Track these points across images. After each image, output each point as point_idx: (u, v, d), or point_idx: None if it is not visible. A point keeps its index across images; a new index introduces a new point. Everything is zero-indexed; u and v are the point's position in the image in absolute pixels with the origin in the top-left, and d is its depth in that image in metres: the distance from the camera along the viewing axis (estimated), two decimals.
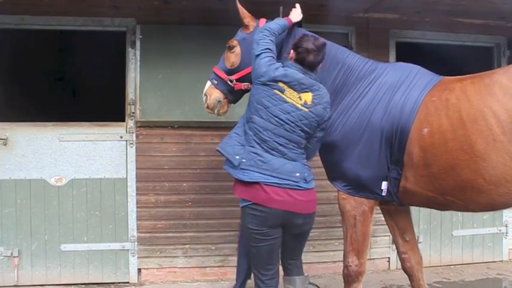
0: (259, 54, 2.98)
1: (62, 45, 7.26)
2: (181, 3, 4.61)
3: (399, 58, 5.02)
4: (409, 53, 4.97)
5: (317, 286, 3.44)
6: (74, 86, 7.57)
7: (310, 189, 2.96)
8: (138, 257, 4.71)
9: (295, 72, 2.92)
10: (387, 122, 3.09)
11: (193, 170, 4.78)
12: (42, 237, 4.54)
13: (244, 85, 3.37)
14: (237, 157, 2.93)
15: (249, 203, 2.90)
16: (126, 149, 4.67)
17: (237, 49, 3.38)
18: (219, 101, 3.42)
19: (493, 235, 5.38)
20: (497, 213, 5.33)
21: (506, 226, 5.39)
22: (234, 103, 3.52)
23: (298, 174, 2.89)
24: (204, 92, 3.46)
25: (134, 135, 4.68)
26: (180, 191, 4.77)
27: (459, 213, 5.21)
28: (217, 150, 3.12)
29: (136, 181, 4.68)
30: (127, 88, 4.71)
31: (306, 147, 3.07)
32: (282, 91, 2.87)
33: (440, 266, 5.22)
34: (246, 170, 2.89)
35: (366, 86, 3.22)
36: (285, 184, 2.85)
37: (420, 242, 5.11)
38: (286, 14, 3.48)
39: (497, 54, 5.37)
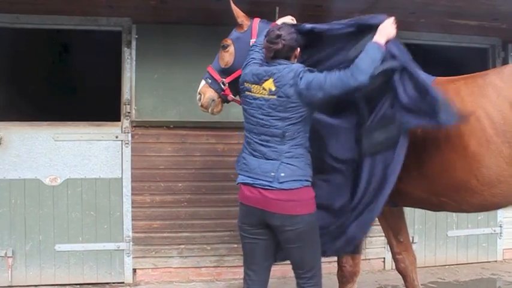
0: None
1: (59, 44, 7.26)
2: (177, 3, 4.59)
3: None
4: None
5: None
6: (72, 85, 7.54)
7: (284, 189, 2.74)
8: (133, 257, 4.70)
9: (252, 68, 2.89)
10: None
11: (188, 170, 4.78)
12: (37, 237, 4.52)
13: (230, 97, 3.39)
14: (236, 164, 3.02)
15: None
16: (122, 148, 4.66)
17: (231, 48, 3.37)
18: (213, 100, 3.42)
19: (487, 235, 5.41)
20: (491, 213, 5.35)
21: (500, 226, 5.42)
22: (228, 102, 3.51)
23: (273, 174, 2.75)
24: (198, 90, 3.47)
25: (130, 135, 4.67)
26: (175, 191, 4.76)
27: (454, 213, 5.23)
28: None
29: (132, 181, 4.68)
30: (122, 88, 4.70)
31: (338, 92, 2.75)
32: (250, 90, 2.84)
33: (435, 266, 5.24)
34: (239, 175, 2.94)
35: None
36: (257, 184, 2.79)
37: (415, 243, 5.13)
38: (281, 15, 3.48)
39: (492, 56, 5.40)
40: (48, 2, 4.48)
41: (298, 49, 2.92)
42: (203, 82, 3.45)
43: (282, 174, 2.75)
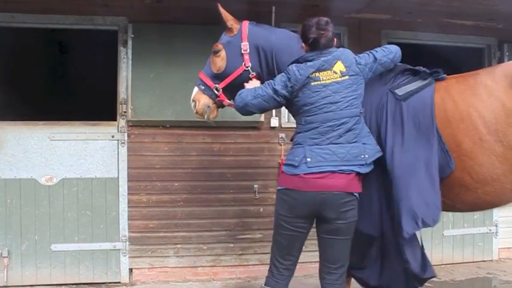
0: (274, 87, 2.96)
1: (55, 44, 7.24)
2: (173, 2, 4.59)
3: None
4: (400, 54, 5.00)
5: None
6: (68, 85, 7.52)
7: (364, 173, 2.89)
8: (129, 257, 4.69)
9: (314, 58, 2.89)
10: (371, 118, 3.10)
11: (185, 170, 4.77)
12: (33, 237, 4.51)
13: (226, 102, 3.36)
14: (298, 158, 2.84)
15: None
16: (118, 148, 4.65)
17: (223, 53, 3.32)
18: (208, 107, 3.37)
19: (483, 235, 5.42)
20: (487, 213, 5.37)
21: (496, 226, 5.44)
22: (223, 107, 3.48)
23: (363, 156, 2.85)
24: (192, 97, 3.42)
25: (126, 134, 4.66)
26: (171, 190, 4.76)
27: (450, 213, 5.23)
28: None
29: (128, 181, 4.67)
30: (119, 87, 4.69)
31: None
32: (318, 79, 2.84)
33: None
34: (313, 167, 2.81)
35: None
36: (346, 170, 2.81)
37: None
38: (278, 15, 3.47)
39: (487, 55, 5.42)
40: (44, 0, 4.47)
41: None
42: (196, 89, 3.40)
43: (367, 156, 2.86)
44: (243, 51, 3.28)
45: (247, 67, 3.28)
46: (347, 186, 2.81)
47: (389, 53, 3.08)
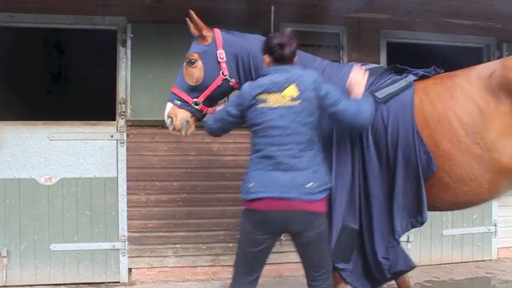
0: (226, 109, 2.92)
1: (55, 43, 7.24)
2: (173, 2, 4.59)
3: (390, 58, 5.06)
4: (399, 53, 5.01)
5: None
6: (67, 84, 7.52)
7: (315, 200, 2.74)
8: (128, 257, 4.69)
9: (266, 78, 2.80)
10: None
11: (184, 170, 4.77)
12: (32, 237, 4.51)
13: (210, 110, 3.25)
14: (247, 185, 2.78)
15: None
16: (117, 148, 4.65)
17: (199, 63, 3.21)
18: (187, 121, 3.26)
19: (482, 234, 5.42)
20: (486, 212, 5.38)
21: (495, 225, 5.44)
22: (202, 120, 3.34)
23: (309, 185, 2.71)
24: (166, 113, 3.26)
25: (125, 134, 4.66)
26: (170, 190, 4.76)
27: (449, 212, 5.25)
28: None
29: (127, 180, 4.67)
30: (118, 87, 4.68)
31: (347, 123, 2.84)
32: (265, 101, 2.73)
33: (430, 265, 5.25)
34: (254, 192, 2.73)
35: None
36: (288, 197, 2.68)
37: (410, 242, 5.16)
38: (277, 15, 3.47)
39: (486, 55, 5.42)
40: (43, 0, 4.47)
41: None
42: (170, 104, 3.25)
43: (314, 185, 2.72)
44: (220, 60, 3.20)
45: (225, 76, 3.21)
46: (307, 207, 2.70)
47: (358, 112, 2.77)
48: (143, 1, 4.62)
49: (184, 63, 3.27)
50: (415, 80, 3.14)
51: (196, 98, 3.23)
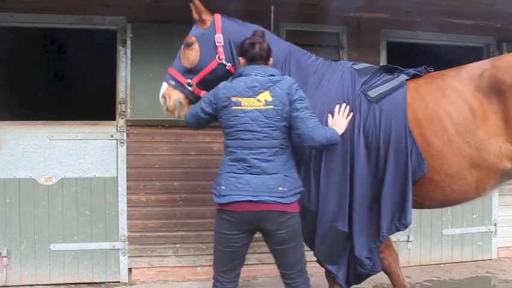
0: (201, 105, 2.98)
1: (54, 43, 7.24)
2: (173, 2, 4.58)
3: (390, 58, 5.06)
4: (399, 53, 5.01)
5: None
6: (67, 84, 7.53)
7: (286, 203, 2.79)
8: (128, 257, 4.69)
9: (241, 80, 2.83)
10: None
11: (184, 169, 4.77)
12: (32, 237, 4.51)
13: (203, 93, 3.25)
14: (219, 187, 2.82)
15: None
16: (117, 148, 4.65)
17: (196, 46, 3.24)
18: (180, 102, 3.28)
19: (482, 234, 5.43)
20: (486, 212, 5.39)
21: (495, 225, 5.44)
22: (195, 103, 3.32)
23: (280, 189, 2.76)
24: (161, 94, 3.33)
25: (125, 134, 4.66)
26: (170, 190, 4.76)
27: (449, 212, 5.26)
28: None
29: (127, 180, 4.67)
30: (118, 87, 4.68)
31: (300, 132, 2.84)
32: (239, 104, 2.77)
33: (430, 264, 5.26)
34: (226, 196, 2.77)
35: (318, 82, 3.23)
36: (261, 200, 2.73)
37: (410, 241, 5.17)
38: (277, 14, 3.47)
39: (486, 55, 5.41)
40: (43, 0, 4.47)
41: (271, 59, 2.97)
42: (165, 84, 3.30)
43: (285, 189, 2.77)
44: (217, 44, 3.22)
45: (221, 60, 3.23)
46: (279, 207, 2.75)
47: (320, 128, 2.81)
48: (143, 1, 4.62)
49: (183, 45, 3.30)
50: (407, 79, 3.15)
51: (190, 79, 3.26)
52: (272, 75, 2.85)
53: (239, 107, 2.77)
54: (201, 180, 4.78)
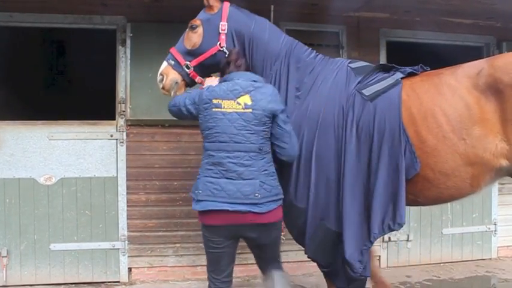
0: (184, 101, 3.04)
1: (54, 43, 7.23)
2: (172, 1, 4.58)
3: (389, 57, 5.06)
4: (399, 53, 5.00)
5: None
6: (67, 84, 7.52)
7: (263, 213, 2.81)
8: (128, 256, 4.69)
9: (224, 85, 2.91)
10: (338, 120, 3.12)
11: (183, 169, 4.76)
12: (32, 237, 4.51)
13: (198, 78, 3.31)
14: (196, 191, 2.86)
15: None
16: (117, 147, 4.65)
17: (200, 29, 3.28)
18: (176, 83, 3.31)
19: (482, 233, 5.43)
20: (486, 211, 5.39)
21: (495, 224, 5.44)
22: (191, 86, 3.39)
23: (256, 195, 2.77)
24: (160, 71, 3.37)
25: (124, 133, 4.66)
26: (170, 189, 4.76)
27: (449, 211, 5.26)
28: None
29: (127, 180, 4.66)
30: (117, 86, 4.68)
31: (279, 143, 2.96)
32: (220, 106, 2.82)
33: (430, 264, 5.26)
34: (202, 201, 2.80)
35: (313, 80, 3.23)
36: (237, 210, 2.75)
37: (410, 241, 5.17)
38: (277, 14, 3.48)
39: (486, 54, 5.41)
40: None
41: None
42: (165, 63, 3.35)
43: (260, 196, 2.78)
44: (220, 31, 3.26)
45: (222, 47, 3.25)
46: (258, 219, 2.78)
47: (288, 144, 2.96)
48: (142, 0, 4.61)
49: (188, 28, 3.34)
50: (402, 78, 3.14)
51: (189, 62, 3.29)
52: (254, 81, 2.92)
53: (219, 109, 2.81)
54: None
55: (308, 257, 3.32)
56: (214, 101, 2.83)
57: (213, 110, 2.82)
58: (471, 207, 5.31)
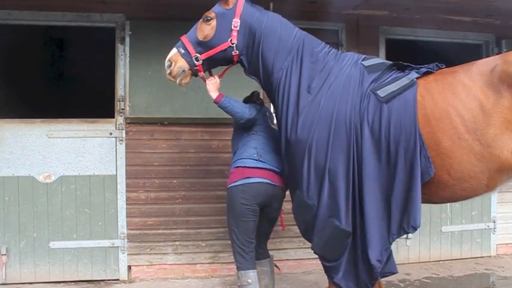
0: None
1: (53, 41, 7.23)
2: None
3: (389, 55, 5.05)
4: (398, 50, 5.00)
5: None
6: (66, 82, 7.51)
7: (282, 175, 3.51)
8: (128, 254, 4.69)
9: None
10: (350, 120, 3.10)
11: (183, 167, 4.77)
12: (31, 235, 4.51)
13: (201, 74, 3.36)
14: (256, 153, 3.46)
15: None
16: (116, 145, 4.64)
17: (213, 22, 3.29)
18: (183, 71, 3.32)
19: (481, 231, 5.44)
20: (485, 209, 5.40)
21: (494, 222, 5.45)
22: (196, 76, 3.43)
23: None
24: (168, 57, 3.37)
25: (124, 131, 4.65)
26: (170, 187, 4.76)
27: (448, 209, 5.27)
28: None
29: (126, 178, 4.66)
30: (116, 84, 4.68)
31: None
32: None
33: (429, 261, 5.27)
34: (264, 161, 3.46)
35: (325, 77, 3.22)
36: (274, 169, 3.48)
37: (409, 238, 5.17)
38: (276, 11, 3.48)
39: (485, 52, 5.42)
40: None
41: None
42: (175, 50, 3.34)
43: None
44: (233, 27, 3.28)
45: (232, 43, 3.28)
46: (283, 183, 3.49)
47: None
48: None
49: (201, 18, 3.35)
50: (417, 78, 3.09)
51: (199, 53, 3.30)
52: None
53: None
54: (200, 178, 4.78)
55: (315, 253, 3.32)
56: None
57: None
58: (470, 205, 5.32)
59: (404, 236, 5.04)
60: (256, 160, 3.42)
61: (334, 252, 3.18)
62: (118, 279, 4.66)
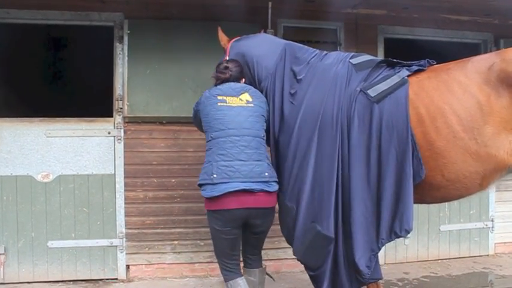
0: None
1: (51, 40, 7.21)
2: None
3: (387, 54, 5.05)
4: (397, 49, 5.00)
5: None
6: (64, 81, 7.50)
7: (272, 192, 3.14)
8: (126, 253, 4.68)
9: (222, 86, 3.26)
10: (337, 119, 3.08)
11: (181, 166, 4.76)
12: (29, 234, 4.50)
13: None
14: (212, 176, 3.07)
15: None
16: (114, 144, 4.64)
17: None
18: None
19: (479, 230, 5.45)
20: (483, 208, 5.41)
21: (492, 221, 5.46)
22: None
23: (266, 174, 3.10)
24: None
25: (122, 130, 4.65)
26: (168, 186, 4.75)
27: (446, 208, 5.28)
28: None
29: (125, 177, 4.66)
30: (115, 83, 4.67)
31: None
32: (225, 101, 3.16)
33: (427, 260, 5.27)
34: (218, 184, 3.03)
35: (312, 75, 3.22)
36: (253, 189, 3.03)
37: (408, 237, 5.16)
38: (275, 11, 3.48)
39: (484, 51, 5.42)
40: None
41: (243, 79, 3.38)
42: None
43: (268, 175, 3.11)
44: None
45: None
46: (266, 202, 3.10)
47: None
48: None
49: None
50: (408, 75, 3.04)
51: None
52: (245, 85, 3.33)
53: (224, 104, 3.15)
54: (198, 177, 4.76)
55: (297, 260, 3.30)
56: (219, 97, 3.17)
57: (219, 104, 3.14)
58: (468, 203, 5.33)
59: None
60: (214, 184, 3.03)
61: (316, 259, 3.13)
62: (116, 279, 4.66)
